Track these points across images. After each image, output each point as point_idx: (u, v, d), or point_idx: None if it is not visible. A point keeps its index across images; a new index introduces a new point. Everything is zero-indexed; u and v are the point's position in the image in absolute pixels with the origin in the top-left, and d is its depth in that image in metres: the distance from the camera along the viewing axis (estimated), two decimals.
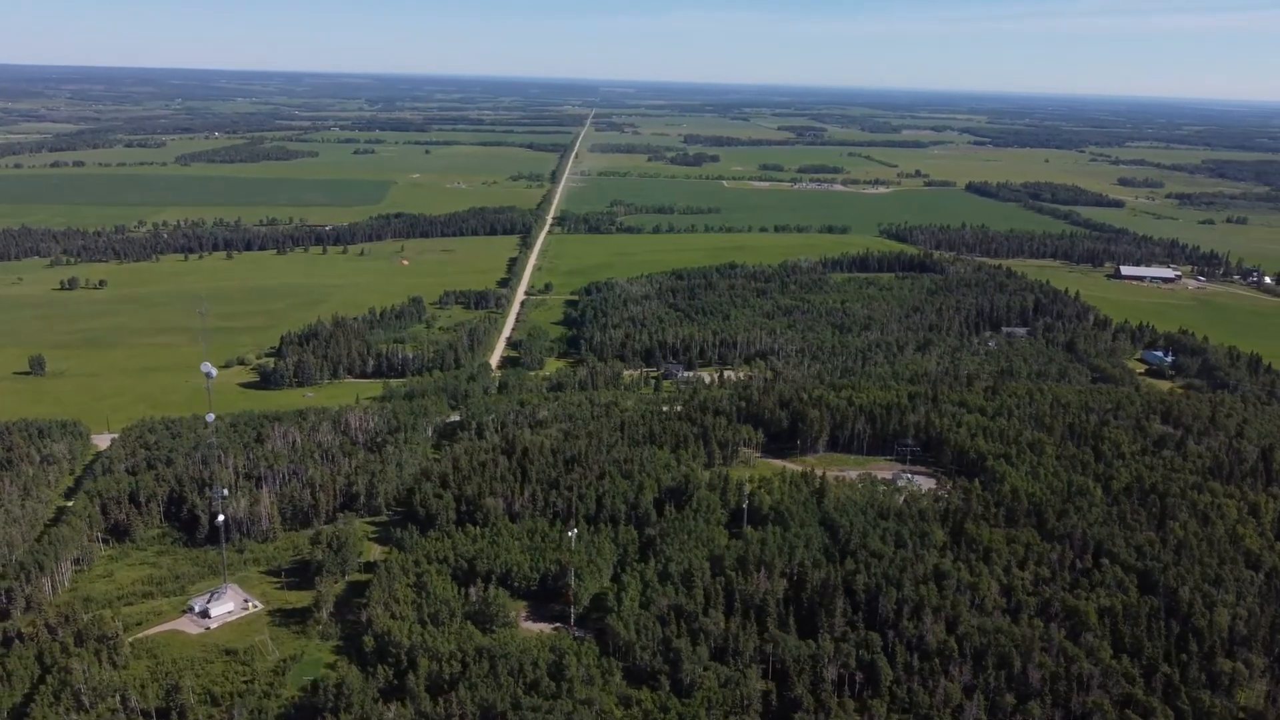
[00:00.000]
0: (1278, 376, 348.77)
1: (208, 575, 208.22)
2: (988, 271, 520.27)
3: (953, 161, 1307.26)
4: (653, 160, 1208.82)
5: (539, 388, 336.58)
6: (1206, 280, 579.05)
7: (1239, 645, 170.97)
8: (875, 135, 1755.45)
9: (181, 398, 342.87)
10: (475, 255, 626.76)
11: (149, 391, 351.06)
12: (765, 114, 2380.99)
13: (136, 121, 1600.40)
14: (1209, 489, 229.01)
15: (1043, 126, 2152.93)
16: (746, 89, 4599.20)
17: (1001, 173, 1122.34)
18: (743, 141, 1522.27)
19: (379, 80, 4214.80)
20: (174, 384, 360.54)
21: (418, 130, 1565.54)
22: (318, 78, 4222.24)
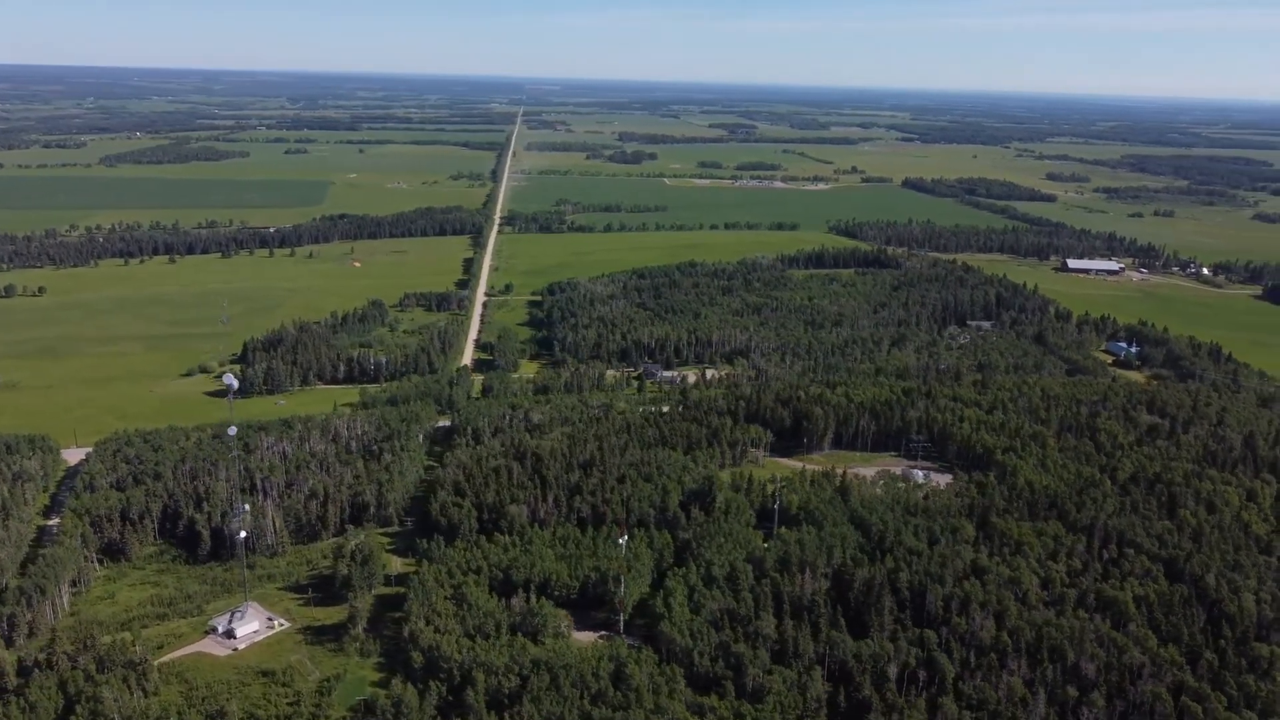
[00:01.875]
0: (1240, 365, 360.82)
1: (222, 594, 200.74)
2: (944, 267, 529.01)
3: (885, 158, 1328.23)
4: (591, 158, 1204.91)
5: (525, 390, 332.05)
6: (1149, 272, 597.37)
7: (1266, 629, 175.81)
8: (805, 132, 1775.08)
9: (149, 409, 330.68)
10: (428, 256, 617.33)
11: (114, 403, 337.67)
12: (694, 111, 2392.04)
13: (50, 121, 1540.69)
14: (1208, 476, 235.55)
15: (965, 123, 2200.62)
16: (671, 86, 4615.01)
17: (933, 169, 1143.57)
18: (677, 139, 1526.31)
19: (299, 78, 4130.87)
20: (137, 394, 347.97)
21: (348, 129, 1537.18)
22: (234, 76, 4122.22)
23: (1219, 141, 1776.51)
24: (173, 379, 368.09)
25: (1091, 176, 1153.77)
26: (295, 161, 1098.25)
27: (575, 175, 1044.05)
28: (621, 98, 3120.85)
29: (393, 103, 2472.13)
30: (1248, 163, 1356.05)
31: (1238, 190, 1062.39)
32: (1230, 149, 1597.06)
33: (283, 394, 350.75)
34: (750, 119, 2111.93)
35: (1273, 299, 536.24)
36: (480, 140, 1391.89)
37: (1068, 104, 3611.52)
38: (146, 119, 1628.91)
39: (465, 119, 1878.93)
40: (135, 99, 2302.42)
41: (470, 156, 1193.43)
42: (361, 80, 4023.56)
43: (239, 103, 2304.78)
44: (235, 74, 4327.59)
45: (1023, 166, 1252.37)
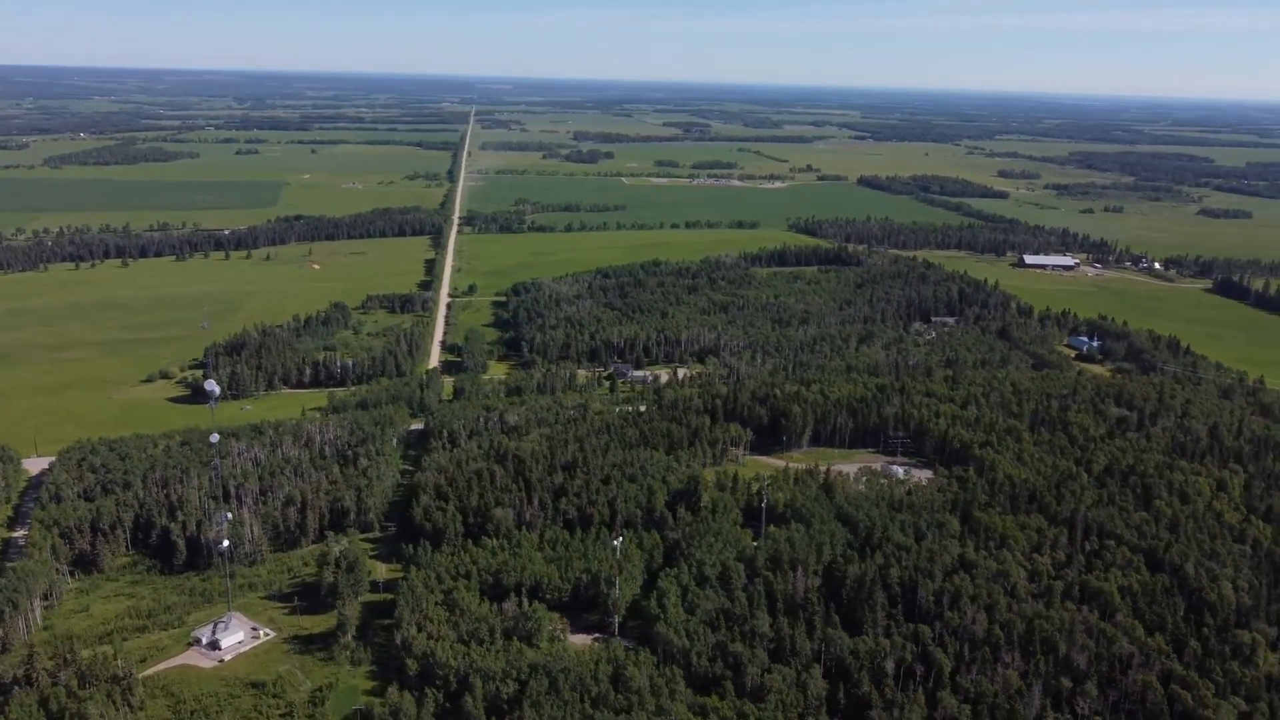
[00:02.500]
0: (1198, 357, 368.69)
1: (202, 604, 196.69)
2: (906, 264, 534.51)
3: (839, 156, 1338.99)
4: (547, 158, 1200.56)
5: (497, 392, 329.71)
6: (1103, 267, 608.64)
7: (1246, 616, 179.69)
8: (759, 131, 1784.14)
9: (109, 416, 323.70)
10: (388, 257, 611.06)
11: (73, 410, 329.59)
12: (647, 110, 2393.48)
13: None
14: (1178, 467, 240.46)
15: (915, 121, 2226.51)
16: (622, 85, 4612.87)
17: (887, 166, 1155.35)
18: (632, 138, 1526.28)
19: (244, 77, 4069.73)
20: (96, 402, 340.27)
21: (298, 129, 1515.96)
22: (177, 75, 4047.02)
23: (1161, 138, 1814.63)
24: (133, 385, 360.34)
25: (1041, 173, 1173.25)
26: (247, 162, 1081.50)
27: (533, 175, 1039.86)
28: (574, 97, 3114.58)
29: (343, 102, 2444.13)
30: (1190, 159, 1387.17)
31: (1182, 186, 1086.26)
32: (1172, 145, 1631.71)
33: (248, 399, 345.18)
34: (704, 118, 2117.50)
35: (1222, 292, 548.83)
36: (434, 140, 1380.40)
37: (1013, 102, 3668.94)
38: (90, 119, 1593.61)
39: (417, 118, 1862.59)
40: (76, 99, 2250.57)
41: (425, 156, 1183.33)
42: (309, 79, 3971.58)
43: (184, 103, 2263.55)
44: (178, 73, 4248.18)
45: (974, 164, 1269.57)
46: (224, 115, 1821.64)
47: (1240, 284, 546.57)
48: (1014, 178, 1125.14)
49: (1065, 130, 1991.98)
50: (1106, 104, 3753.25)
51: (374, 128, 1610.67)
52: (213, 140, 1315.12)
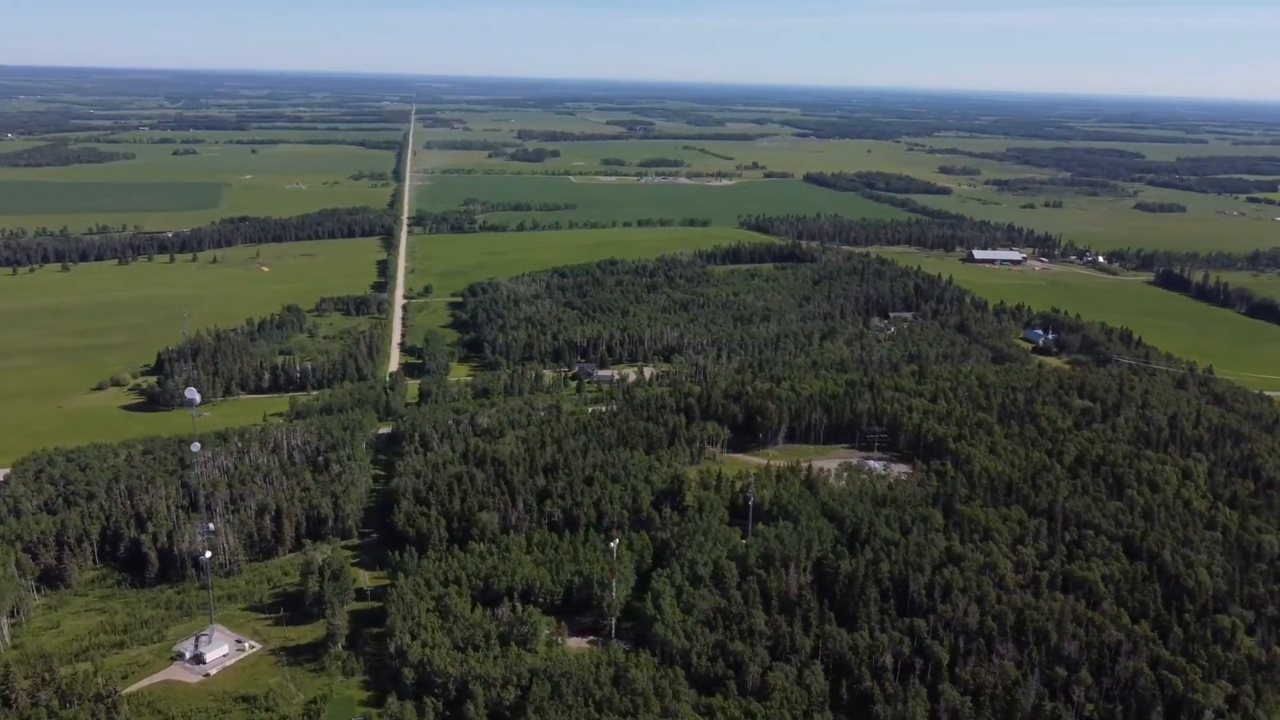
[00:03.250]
0: (1150, 349, 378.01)
1: (181, 617, 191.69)
2: (860, 260, 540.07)
3: (783, 153, 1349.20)
4: (493, 157, 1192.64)
5: (464, 394, 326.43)
6: (1049, 261, 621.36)
7: (1223, 600, 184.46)
8: (703, 129, 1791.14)
9: (60, 426, 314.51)
10: (338, 258, 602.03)
11: (19, 421, 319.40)
12: (590, 108, 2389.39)
13: None
14: (1145, 457, 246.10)
15: (855, 118, 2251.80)
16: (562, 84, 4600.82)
17: (831, 163, 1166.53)
18: (576, 136, 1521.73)
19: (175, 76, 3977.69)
20: (44, 411, 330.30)
21: (235, 129, 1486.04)
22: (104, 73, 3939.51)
23: (1092, 134, 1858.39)
24: (83, 394, 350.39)
25: (981, 169, 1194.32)
26: (185, 163, 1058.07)
27: (480, 174, 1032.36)
28: (514, 95, 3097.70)
29: (279, 101, 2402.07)
30: (1122, 154, 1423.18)
31: (1117, 181, 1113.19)
32: (1104, 142, 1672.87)
33: (206, 405, 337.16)
34: (647, 116, 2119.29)
35: (1164, 284, 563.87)
36: (377, 139, 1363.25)
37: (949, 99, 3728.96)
38: (16, 119, 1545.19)
39: (357, 117, 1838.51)
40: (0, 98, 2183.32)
41: (368, 156, 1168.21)
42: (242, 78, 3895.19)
43: (114, 102, 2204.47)
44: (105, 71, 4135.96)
45: (916, 160, 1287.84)
46: (157, 115, 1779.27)
47: (1181, 276, 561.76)
48: (955, 174, 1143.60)
49: (1001, 127, 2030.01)
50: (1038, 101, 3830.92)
51: (314, 127, 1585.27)
52: (148, 140, 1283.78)
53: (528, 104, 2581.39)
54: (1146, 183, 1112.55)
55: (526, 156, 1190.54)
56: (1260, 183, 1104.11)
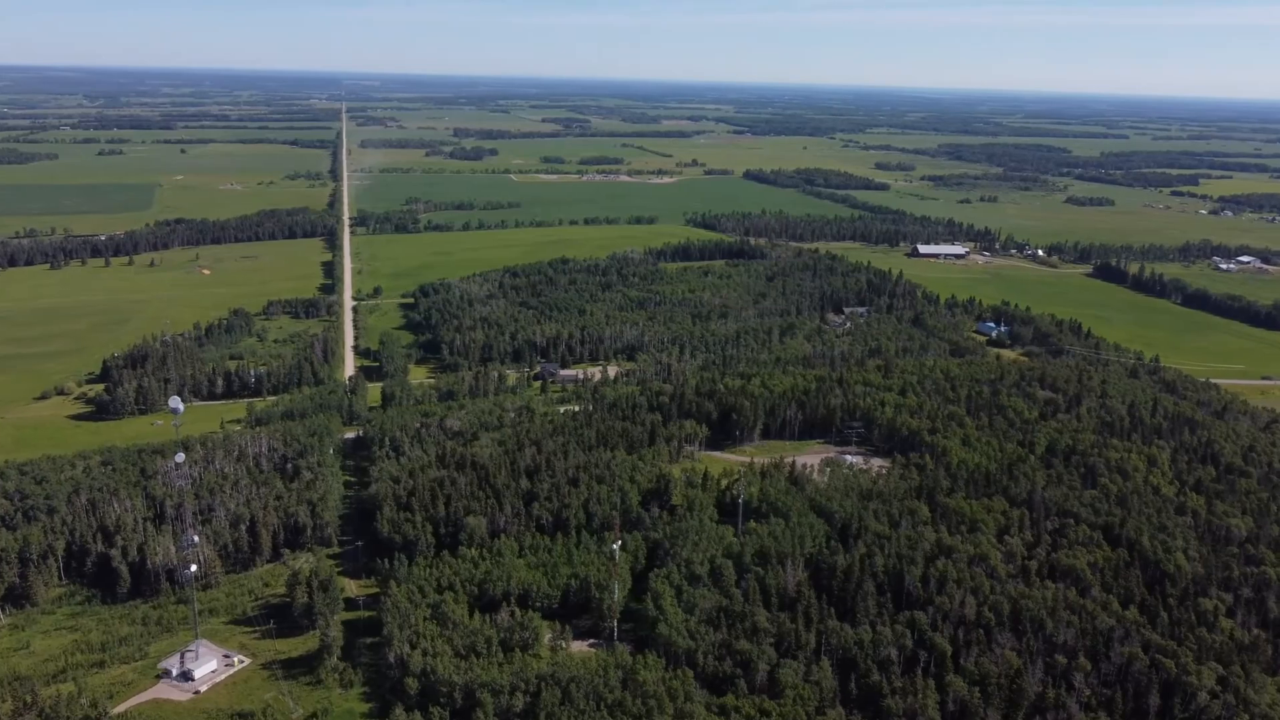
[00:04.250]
0: (1100, 340, 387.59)
1: (161, 633, 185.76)
2: (809, 256, 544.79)
3: (721, 150, 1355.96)
4: (431, 155, 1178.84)
5: (429, 396, 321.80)
6: (991, 255, 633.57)
7: (1202, 584, 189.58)
8: (639, 126, 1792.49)
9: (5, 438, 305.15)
10: (281, 260, 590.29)
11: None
12: (523, 106, 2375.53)
13: None
14: (1112, 445, 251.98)
15: (788, 115, 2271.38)
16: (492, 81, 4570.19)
17: (769, 160, 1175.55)
18: (513, 134, 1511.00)
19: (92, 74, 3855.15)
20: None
21: (162, 128, 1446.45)
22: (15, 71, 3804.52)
23: (1019, 130, 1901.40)
24: (25, 404, 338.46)
25: (916, 165, 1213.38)
26: (112, 163, 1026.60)
27: (418, 173, 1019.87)
28: (445, 93, 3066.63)
29: (204, 99, 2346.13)
30: (1049, 150, 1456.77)
31: (1047, 176, 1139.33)
32: (1030, 137, 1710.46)
33: (158, 414, 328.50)
34: (582, 113, 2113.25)
35: (1102, 276, 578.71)
36: (310, 138, 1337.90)
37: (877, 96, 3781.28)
38: None
39: (287, 116, 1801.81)
40: None
41: (303, 155, 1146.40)
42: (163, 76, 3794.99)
43: (29, 100, 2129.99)
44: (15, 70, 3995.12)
45: (851, 157, 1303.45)
46: (77, 114, 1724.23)
47: (1119, 268, 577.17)
48: (891, 170, 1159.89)
49: (931, 123, 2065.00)
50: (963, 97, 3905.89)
51: (243, 126, 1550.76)
52: (70, 140, 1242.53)
53: (460, 102, 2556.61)
54: (1074, 177, 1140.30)
55: (465, 155, 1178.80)
56: (1182, 176, 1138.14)
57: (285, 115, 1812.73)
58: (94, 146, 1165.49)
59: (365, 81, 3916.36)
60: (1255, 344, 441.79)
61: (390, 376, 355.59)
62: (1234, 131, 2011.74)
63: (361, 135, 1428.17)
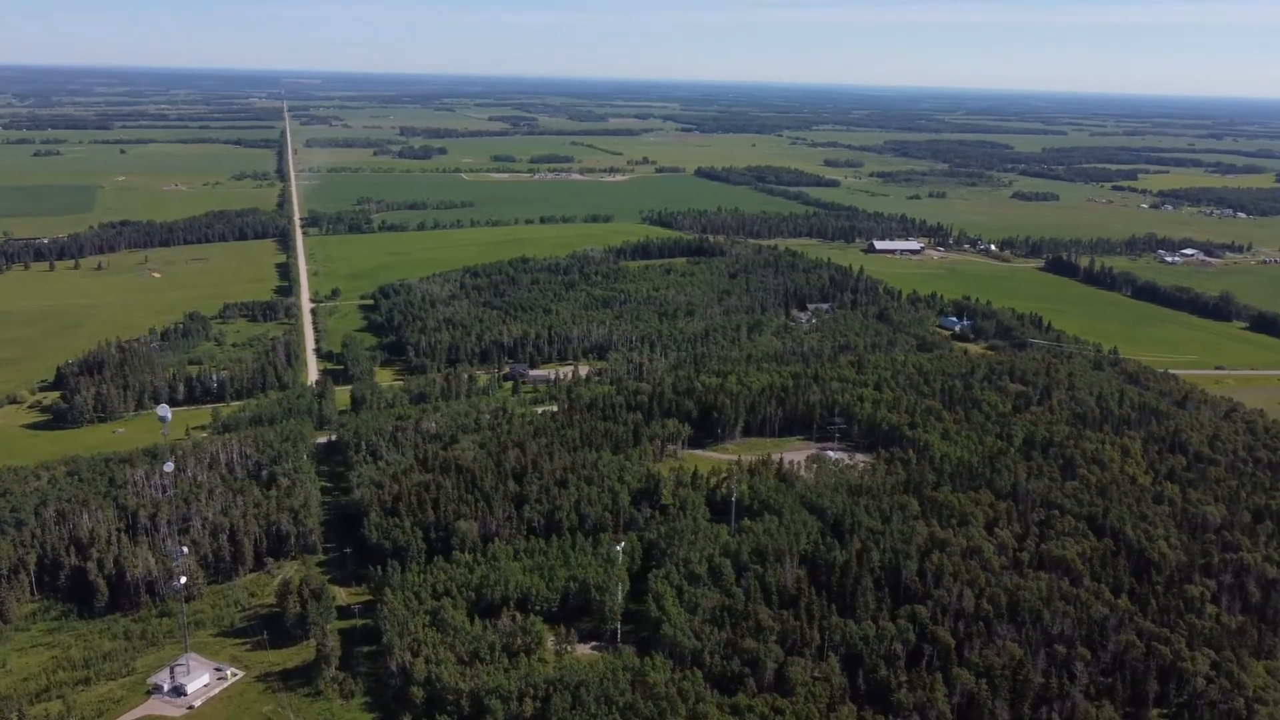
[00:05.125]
0: (1061, 333, 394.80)
1: (146, 648, 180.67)
2: (770, 253, 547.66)
3: (671, 148, 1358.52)
4: (378, 154, 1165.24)
5: (400, 399, 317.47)
6: (945, 250, 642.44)
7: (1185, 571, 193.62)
8: (587, 124, 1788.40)
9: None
10: (234, 262, 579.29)
11: None
12: (468, 105, 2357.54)
13: None
14: (1086, 437, 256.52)
15: (734, 113, 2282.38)
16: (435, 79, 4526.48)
17: (719, 157, 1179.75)
18: (461, 133, 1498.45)
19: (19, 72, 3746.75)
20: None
21: (99, 128, 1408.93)
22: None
23: (961, 127, 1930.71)
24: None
25: (864, 161, 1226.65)
26: (49, 164, 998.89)
27: (368, 172, 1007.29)
28: (388, 91, 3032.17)
29: (140, 98, 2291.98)
30: (992, 146, 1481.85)
31: (991, 172, 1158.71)
32: (973, 134, 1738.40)
33: (119, 421, 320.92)
34: (528, 112, 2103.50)
35: (1054, 270, 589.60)
36: (254, 138, 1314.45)
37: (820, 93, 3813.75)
38: None
39: (227, 115, 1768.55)
40: None
41: (247, 155, 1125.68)
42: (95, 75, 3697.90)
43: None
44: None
45: (800, 154, 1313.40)
46: (7, 114, 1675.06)
47: (1070, 262, 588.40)
48: (840, 166, 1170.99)
49: (875, 120, 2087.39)
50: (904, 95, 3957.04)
51: (183, 125, 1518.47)
52: (3, 141, 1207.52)
53: (404, 100, 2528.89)
54: (1018, 173, 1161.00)
55: (414, 154, 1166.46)
56: (1121, 171, 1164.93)
57: (226, 114, 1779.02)
58: (29, 147, 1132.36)
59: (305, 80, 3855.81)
60: (1205, 334, 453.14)
61: (356, 380, 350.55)
62: (1167, 128, 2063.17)
63: (306, 134, 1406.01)
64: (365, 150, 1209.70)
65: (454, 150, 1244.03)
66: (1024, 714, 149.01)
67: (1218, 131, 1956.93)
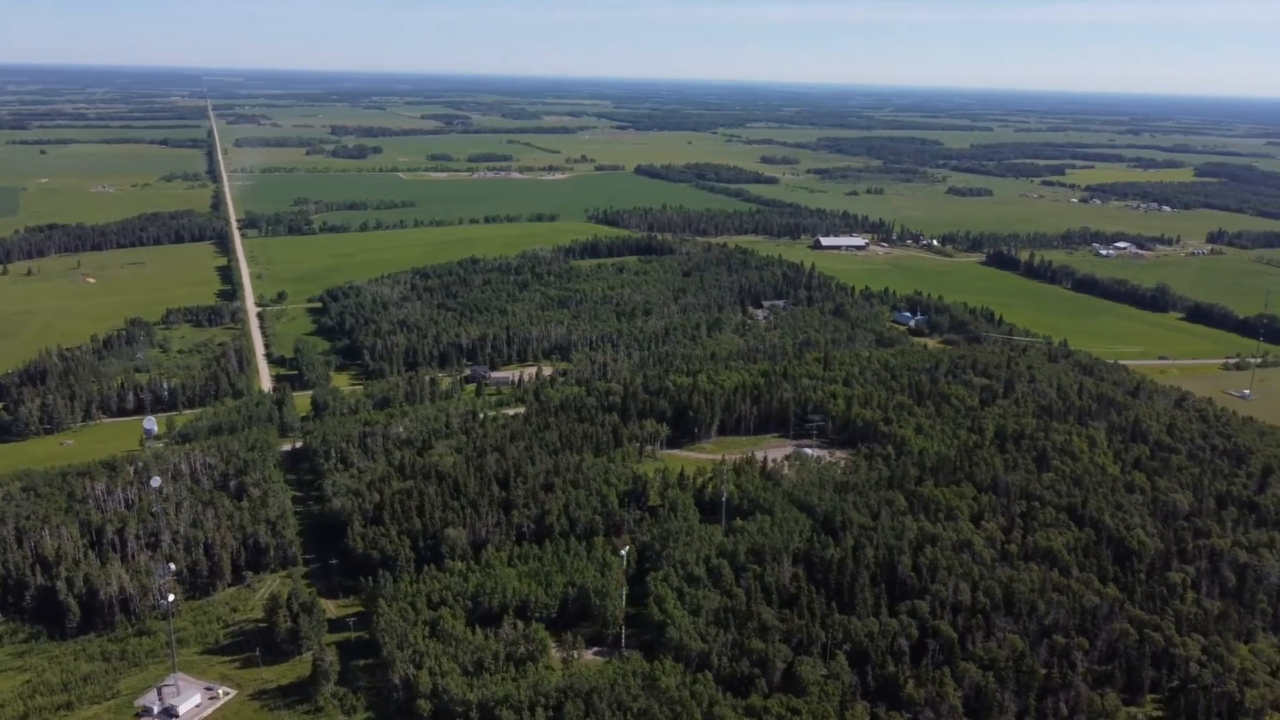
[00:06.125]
0: (1012, 326, 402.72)
1: (128, 668, 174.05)
2: (721, 251, 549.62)
3: (607, 146, 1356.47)
4: (312, 154, 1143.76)
5: (364, 405, 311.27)
6: (889, 246, 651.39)
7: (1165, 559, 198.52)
8: (521, 122, 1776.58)
9: None
10: (171, 266, 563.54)
11: None
12: (398, 103, 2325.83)
13: None
14: (1054, 429, 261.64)
15: (666, 110, 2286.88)
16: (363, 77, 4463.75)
17: (657, 155, 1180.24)
18: (394, 131, 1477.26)
19: None
20: None
21: (14, 128, 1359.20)
22: None
23: (890, 124, 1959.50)
24: None
25: (800, 158, 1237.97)
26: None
27: (302, 172, 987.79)
28: (313, 89, 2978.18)
29: (54, 97, 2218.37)
30: (923, 142, 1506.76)
31: (925, 168, 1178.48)
32: (902, 130, 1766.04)
33: (67, 432, 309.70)
34: (460, 110, 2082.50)
35: (995, 264, 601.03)
36: (181, 137, 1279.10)
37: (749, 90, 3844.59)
38: None
39: (150, 114, 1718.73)
40: None
41: (176, 155, 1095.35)
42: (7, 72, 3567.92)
43: None
44: None
45: (736, 151, 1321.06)
46: None
47: (1011, 256, 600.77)
48: (777, 164, 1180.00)
49: (805, 117, 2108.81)
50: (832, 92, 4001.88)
51: (105, 125, 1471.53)
52: None
53: (331, 98, 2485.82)
54: (951, 168, 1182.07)
55: (348, 153, 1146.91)
56: (1049, 166, 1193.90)
57: (148, 114, 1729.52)
58: None
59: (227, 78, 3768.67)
60: (1145, 325, 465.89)
61: (313, 385, 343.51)
62: (1087, 124, 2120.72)
63: (235, 134, 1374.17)
64: (298, 150, 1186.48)
65: (389, 149, 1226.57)
66: (1030, 705, 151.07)
67: (1135, 128, 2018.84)
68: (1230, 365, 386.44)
